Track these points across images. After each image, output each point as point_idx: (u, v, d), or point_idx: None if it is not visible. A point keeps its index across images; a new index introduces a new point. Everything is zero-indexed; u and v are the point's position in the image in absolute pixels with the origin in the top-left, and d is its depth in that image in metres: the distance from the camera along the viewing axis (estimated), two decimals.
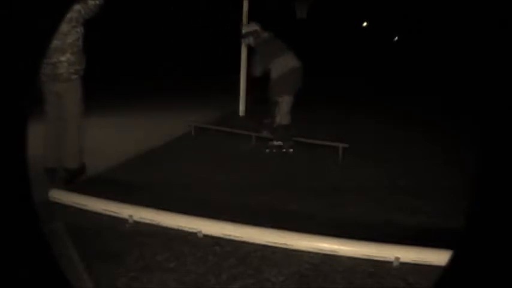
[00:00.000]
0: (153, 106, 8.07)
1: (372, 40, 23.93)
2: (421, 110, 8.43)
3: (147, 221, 3.11)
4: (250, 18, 7.29)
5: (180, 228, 3.01)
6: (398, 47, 25.61)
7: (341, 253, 2.71)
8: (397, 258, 2.63)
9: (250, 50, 7.47)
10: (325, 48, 19.78)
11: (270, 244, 2.81)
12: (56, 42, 3.66)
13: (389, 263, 2.64)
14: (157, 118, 7.19)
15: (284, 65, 5.17)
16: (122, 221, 3.15)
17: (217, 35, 16.36)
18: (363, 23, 25.47)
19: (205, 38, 16.76)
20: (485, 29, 1.16)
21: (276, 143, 5.37)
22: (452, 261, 1.27)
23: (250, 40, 5.38)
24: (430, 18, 19.20)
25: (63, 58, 3.76)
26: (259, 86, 8.20)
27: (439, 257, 2.47)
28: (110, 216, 3.20)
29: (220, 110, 7.66)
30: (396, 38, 27.49)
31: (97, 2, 3.81)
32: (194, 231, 2.96)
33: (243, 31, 5.47)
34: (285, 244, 2.79)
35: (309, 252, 2.74)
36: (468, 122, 4.71)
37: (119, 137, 5.80)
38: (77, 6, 3.74)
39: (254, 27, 5.39)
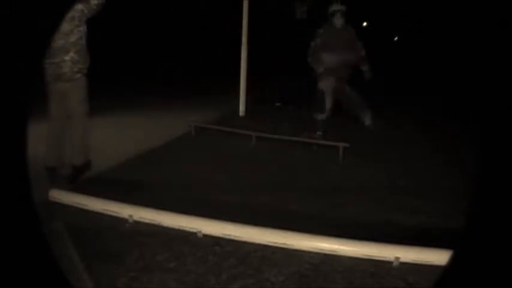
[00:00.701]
0: (153, 106, 8.06)
1: (372, 40, 23.91)
2: (421, 110, 8.41)
3: (147, 221, 3.11)
4: (250, 19, 7.28)
5: (180, 228, 3.01)
6: (398, 47, 25.59)
7: (341, 253, 2.72)
8: (397, 258, 2.63)
9: (250, 51, 7.49)
10: None
11: (270, 244, 2.82)
12: (59, 42, 3.67)
13: (389, 263, 2.64)
14: (157, 118, 7.17)
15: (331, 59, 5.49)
16: (122, 221, 3.15)
17: (217, 35, 16.36)
18: (363, 23, 25.46)
19: (205, 38, 16.75)
20: (485, 29, 1.16)
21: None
22: (452, 261, 1.27)
23: (337, 16, 5.63)
24: (430, 18, 19.18)
25: (66, 57, 3.77)
26: (259, 86, 8.18)
27: (439, 257, 2.47)
28: (110, 216, 3.21)
29: (220, 110, 7.65)
30: (396, 38, 27.49)
31: (99, 1, 3.81)
32: (194, 231, 2.97)
33: (333, 9, 5.69)
34: (285, 244, 2.79)
35: (309, 252, 2.75)
36: (468, 122, 4.70)
37: (119, 137, 5.79)
38: (80, 6, 3.75)
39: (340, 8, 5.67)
